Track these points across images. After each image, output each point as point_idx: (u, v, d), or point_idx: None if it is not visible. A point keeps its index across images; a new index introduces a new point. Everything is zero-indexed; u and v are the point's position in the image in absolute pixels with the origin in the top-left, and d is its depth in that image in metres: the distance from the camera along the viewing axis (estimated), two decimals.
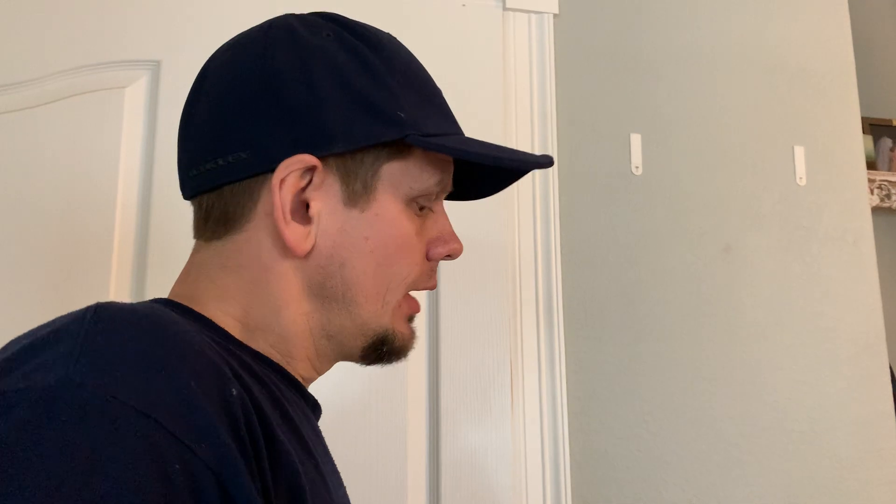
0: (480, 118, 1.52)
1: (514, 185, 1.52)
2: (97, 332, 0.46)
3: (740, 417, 1.55)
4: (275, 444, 0.50)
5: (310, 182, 0.61)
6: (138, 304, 0.53)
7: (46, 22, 1.36)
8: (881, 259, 1.73)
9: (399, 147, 0.63)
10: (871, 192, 2.31)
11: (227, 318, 0.61)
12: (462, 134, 0.70)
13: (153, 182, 1.34)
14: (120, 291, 1.29)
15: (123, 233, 1.32)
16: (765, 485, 1.53)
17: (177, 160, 0.66)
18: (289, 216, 0.60)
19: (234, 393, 0.48)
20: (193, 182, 0.64)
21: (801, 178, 1.69)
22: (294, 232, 0.61)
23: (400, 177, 0.64)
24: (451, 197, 0.76)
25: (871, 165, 2.35)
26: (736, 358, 1.57)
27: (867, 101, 2.11)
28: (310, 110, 0.61)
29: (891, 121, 2.45)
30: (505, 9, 1.58)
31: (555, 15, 1.61)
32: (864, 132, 1.79)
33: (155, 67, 1.38)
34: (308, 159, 0.60)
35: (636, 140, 1.61)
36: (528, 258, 1.50)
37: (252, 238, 0.62)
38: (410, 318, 0.69)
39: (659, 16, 1.69)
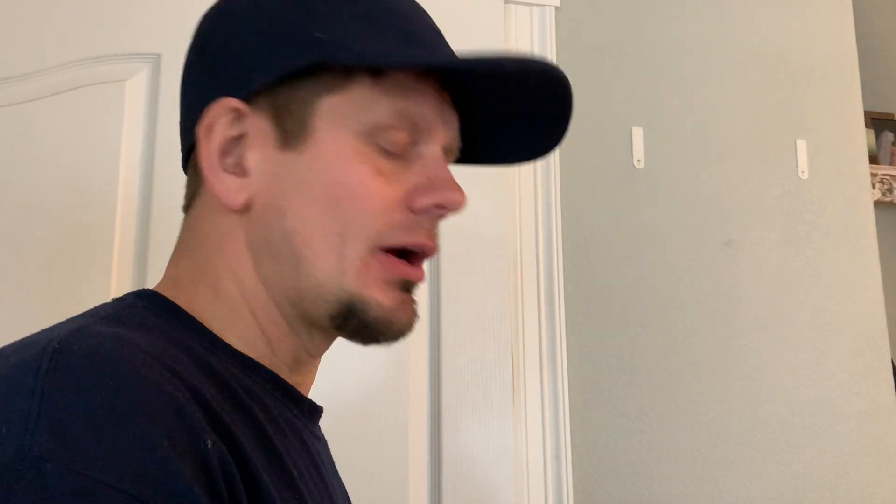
0: None
1: (516, 179, 1.51)
2: (55, 386, 0.40)
3: (742, 411, 1.54)
4: (259, 494, 0.45)
5: (244, 131, 0.56)
6: (106, 332, 0.46)
7: (46, 15, 1.36)
8: (883, 253, 1.73)
9: (337, 76, 0.55)
10: (873, 186, 2.31)
11: (205, 305, 0.56)
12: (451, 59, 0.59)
13: (154, 175, 1.33)
14: (121, 285, 1.28)
15: (124, 226, 1.32)
16: (767, 479, 1.53)
17: None
18: (217, 167, 0.56)
19: (210, 445, 0.42)
20: (182, 152, 0.62)
21: (803, 171, 1.68)
22: (224, 183, 0.56)
23: (346, 110, 0.55)
24: (482, 159, 0.68)
25: (873, 160, 2.34)
26: (738, 352, 1.57)
27: (869, 95, 2.11)
28: (226, 50, 0.57)
29: (892, 115, 2.44)
30: (507, 1, 1.57)
31: (556, 8, 1.61)
32: (865, 126, 1.79)
33: (155, 60, 1.37)
34: (228, 102, 0.56)
35: (638, 133, 1.60)
36: (530, 252, 1.49)
37: (207, 203, 0.59)
38: (403, 286, 0.58)
39: (661, 9, 1.69)
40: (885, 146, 2.41)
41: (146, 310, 0.54)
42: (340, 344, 1.46)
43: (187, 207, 0.61)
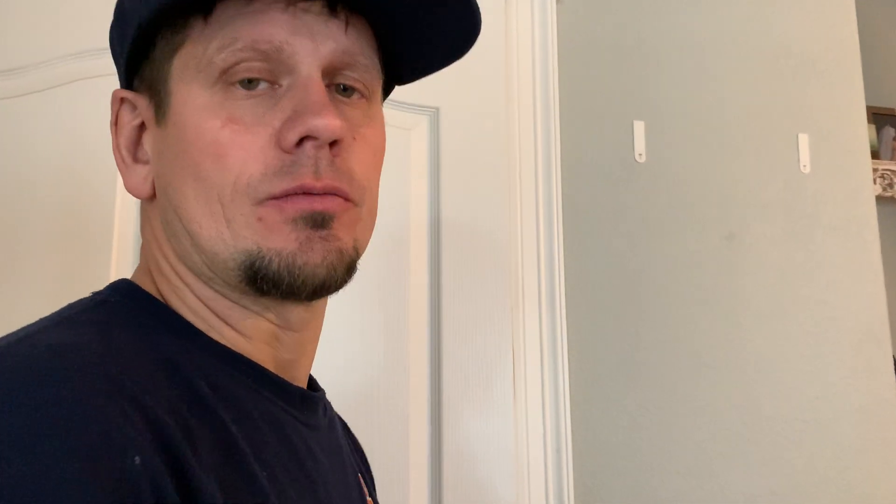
0: (483, 107, 1.51)
1: (517, 172, 1.51)
2: None
3: (743, 406, 1.54)
4: (194, 497, 0.42)
5: (142, 118, 0.55)
6: (45, 343, 0.43)
7: (50, 6, 1.35)
8: (884, 248, 1.73)
9: (176, 32, 0.52)
10: (875, 181, 2.30)
11: (170, 295, 0.54)
12: None
13: None
14: (122, 275, 1.28)
15: (124, 219, 1.31)
16: (767, 473, 1.53)
17: None
18: (128, 159, 0.55)
19: (138, 461, 0.39)
20: None
21: (804, 166, 1.68)
22: (132, 175, 0.55)
23: (188, 63, 0.51)
24: (403, 75, 0.61)
25: (874, 155, 2.34)
26: (739, 346, 1.57)
27: (871, 90, 2.11)
28: (111, 45, 0.59)
29: (894, 110, 2.44)
30: None
31: (558, 1, 1.60)
32: (867, 121, 1.79)
33: None
34: (116, 94, 0.56)
35: (639, 127, 1.60)
36: (531, 246, 1.49)
37: None
38: (311, 221, 0.50)
39: (663, 2, 1.68)
40: (886, 141, 2.41)
41: (118, 305, 0.52)
42: (341, 339, 1.46)
43: None
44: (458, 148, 1.48)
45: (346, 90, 0.54)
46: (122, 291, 0.54)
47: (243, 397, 0.51)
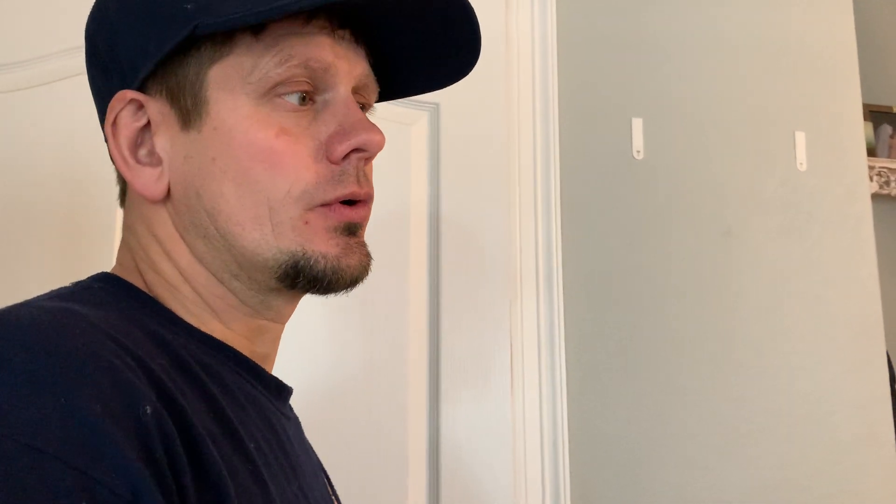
0: (483, 103, 1.52)
1: (516, 169, 1.52)
2: None
3: (739, 400, 1.56)
4: (201, 460, 0.45)
5: (149, 119, 0.56)
6: (49, 305, 0.47)
7: (46, 1, 1.36)
8: (880, 246, 1.74)
9: (219, 43, 0.55)
10: (871, 178, 2.32)
11: (156, 288, 0.57)
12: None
13: None
14: None
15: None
16: (762, 467, 1.54)
17: None
18: (131, 161, 0.56)
19: (149, 411, 0.41)
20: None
21: (801, 163, 1.69)
22: (141, 176, 0.56)
23: (234, 74, 0.54)
24: (406, 91, 0.67)
25: (871, 152, 2.35)
26: (735, 341, 1.58)
27: (868, 88, 2.12)
28: (112, 47, 0.57)
29: (891, 108, 2.45)
30: None
31: None
32: (864, 119, 1.80)
33: None
34: (124, 94, 0.56)
35: (638, 124, 1.61)
36: (529, 241, 1.50)
37: (133, 196, 0.59)
38: (347, 230, 0.56)
39: (662, 1, 1.69)
40: (883, 139, 2.42)
41: (103, 290, 0.55)
42: (341, 331, 1.46)
43: (122, 203, 0.62)
44: (457, 143, 1.49)
45: (362, 107, 0.61)
46: (103, 280, 0.57)
47: (227, 376, 0.54)
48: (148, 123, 0.56)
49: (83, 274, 0.60)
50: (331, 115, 0.56)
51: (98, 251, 1.30)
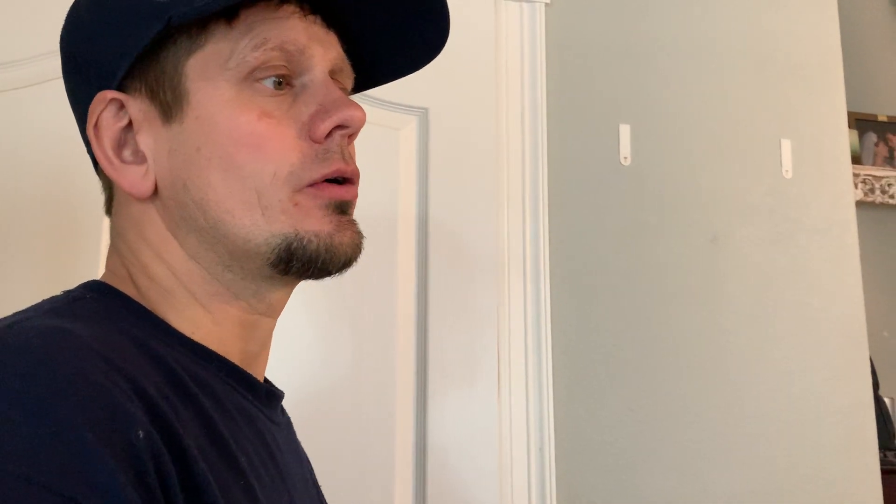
0: (472, 108, 1.52)
1: (504, 174, 1.52)
2: None
3: (725, 406, 1.57)
4: (194, 481, 0.45)
5: (131, 118, 0.56)
6: (42, 325, 0.46)
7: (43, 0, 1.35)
8: (864, 253, 1.76)
9: (194, 34, 0.55)
10: (856, 186, 2.34)
11: (147, 293, 0.57)
12: None
13: None
14: None
15: None
16: (748, 472, 1.55)
17: None
18: (116, 161, 0.56)
19: (142, 435, 0.41)
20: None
21: (787, 171, 1.71)
22: (128, 175, 0.56)
23: (212, 63, 0.55)
24: (371, 78, 0.67)
25: (856, 160, 2.37)
26: (721, 347, 1.59)
27: (853, 96, 2.14)
28: (88, 50, 0.57)
29: (876, 116, 2.47)
30: None
31: (546, 4, 1.62)
32: (849, 127, 1.81)
33: None
34: (104, 95, 0.56)
35: (625, 131, 1.62)
36: (517, 246, 1.51)
37: (120, 199, 0.59)
38: (338, 208, 0.56)
39: (649, 7, 1.70)
40: (868, 147, 2.44)
41: (95, 301, 0.54)
42: (329, 334, 1.46)
43: (109, 210, 0.61)
44: (446, 148, 1.50)
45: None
46: (95, 289, 0.56)
47: (218, 389, 0.54)
48: (130, 123, 0.56)
49: (71, 275, 0.60)
50: (310, 96, 0.56)
51: (86, 253, 1.29)
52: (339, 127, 0.56)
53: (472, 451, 1.41)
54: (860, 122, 2.43)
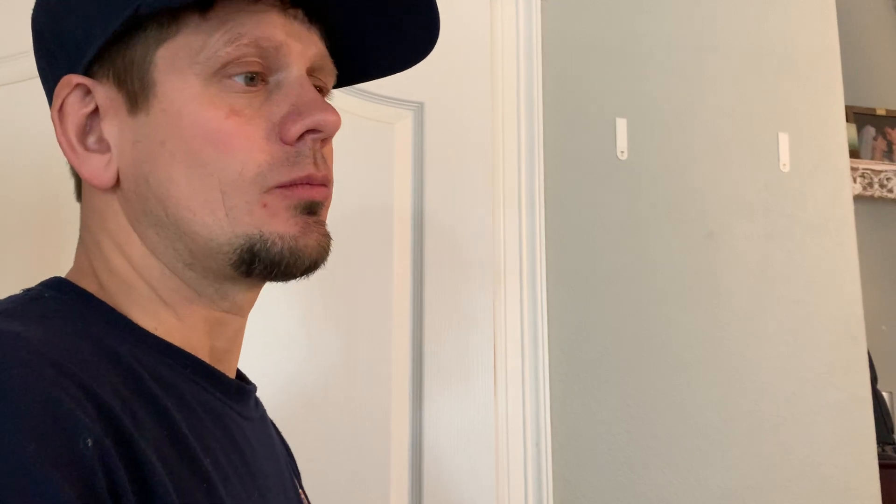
0: (467, 102, 1.51)
1: (500, 168, 1.52)
2: None
3: (721, 402, 1.56)
4: (150, 489, 0.43)
5: (97, 104, 0.54)
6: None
7: None
8: (862, 247, 1.75)
9: (165, 23, 0.53)
10: (855, 180, 2.33)
11: (109, 287, 0.55)
12: None
13: None
14: None
15: None
16: (744, 468, 1.55)
17: None
18: (79, 148, 0.54)
19: (90, 444, 0.40)
20: None
21: (784, 165, 1.70)
22: (89, 163, 0.54)
23: (182, 55, 0.52)
24: (361, 73, 0.65)
25: (855, 154, 2.37)
26: (717, 343, 1.58)
27: (852, 90, 2.13)
28: (56, 32, 0.55)
29: (874, 110, 2.47)
30: None
31: None
32: (848, 121, 1.81)
33: None
34: (70, 79, 0.54)
35: (622, 125, 1.61)
36: (513, 241, 1.50)
37: (86, 188, 0.57)
38: (306, 209, 0.54)
39: (647, 2, 1.69)
40: (866, 141, 2.43)
41: (53, 300, 0.53)
42: (323, 332, 1.45)
43: (78, 196, 0.60)
44: (442, 143, 1.49)
45: (319, 90, 0.59)
46: (55, 287, 0.55)
47: (181, 386, 0.52)
48: (96, 109, 0.54)
49: (59, 271, 0.59)
50: (283, 96, 0.54)
51: (72, 250, 1.28)
52: (311, 131, 0.54)
53: (469, 449, 1.40)
54: (858, 116, 2.42)
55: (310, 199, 0.54)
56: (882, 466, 1.65)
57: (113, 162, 0.54)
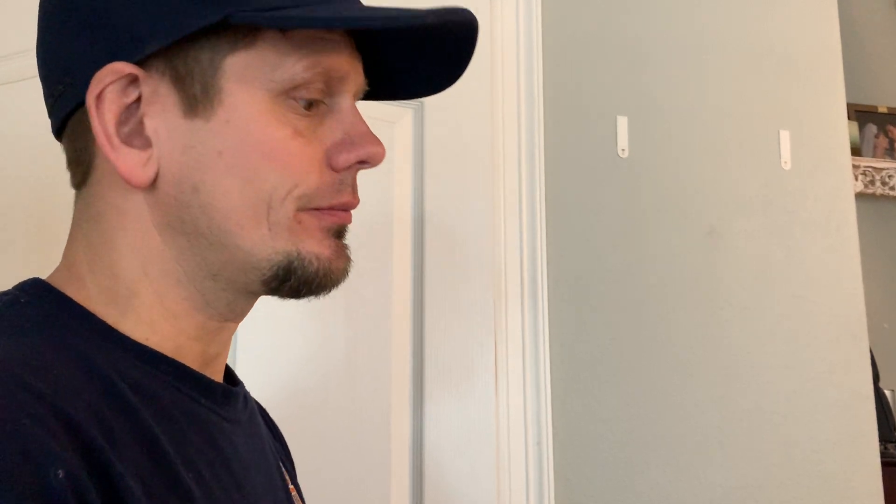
0: (467, 101, 1.51)
1: (500, 167, 1.51)
2: None
3: (721, 400, 1.56)
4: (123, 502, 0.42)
5: (140, 97, 0.51)
6: None
7: None
8: (864, 245, 1.75)
9: (242, 32, 0.51)
10: (856, 178, 2.33)
11: (100, 291, 0.53)
12: (352, 2, 0.55)
13: None
14: None
15: None
16: (745, 467, 1.54)
17: None
18: (115, 140, 0.51)
19: (61, 475, 0.38)
20: (51, 118, 0.56)
21: (786, 162, 1.69)
22: (127, 158, 0.51)
23: (255, 68, 0.52)
24: (382, 95, 0.65)
25: (856, 152, 2.36)
26: (718, 341, 1.58)
27: (853, 87, 2.13)
28: (108, 9, 0.51)
29: (876, 107, 2.46)
30: None
31: None
32: (849, 118, 1.80)
33: None
34: (120, 67, 0.50)
35: (623, 123, 1.61)
36: (514, 240, 1.50)
37: (102, 179, 0.54)
38: (337, 233, 0.56)
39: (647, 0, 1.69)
40: (868, 138, 2.43)
41: (29, 306, 0.51)
42: (325, 330, 1.45)
43: (80, 184, 0.56)
44: (442, 141, 1.49)
45: None
46: (32, 291, 0.52)
47: (164, 396, 0.51)
48: (137, 99, 0.52)
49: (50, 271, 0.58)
50: (337, 123, 0.55)
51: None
52: (360, 162, 0.55)
53: (469, 449, 1.40)
54: (860, 114, 2.42)
55: (343, 223, 0.56)
56: (884, 464, 1.65)
57: (153, 161, 0.52)
